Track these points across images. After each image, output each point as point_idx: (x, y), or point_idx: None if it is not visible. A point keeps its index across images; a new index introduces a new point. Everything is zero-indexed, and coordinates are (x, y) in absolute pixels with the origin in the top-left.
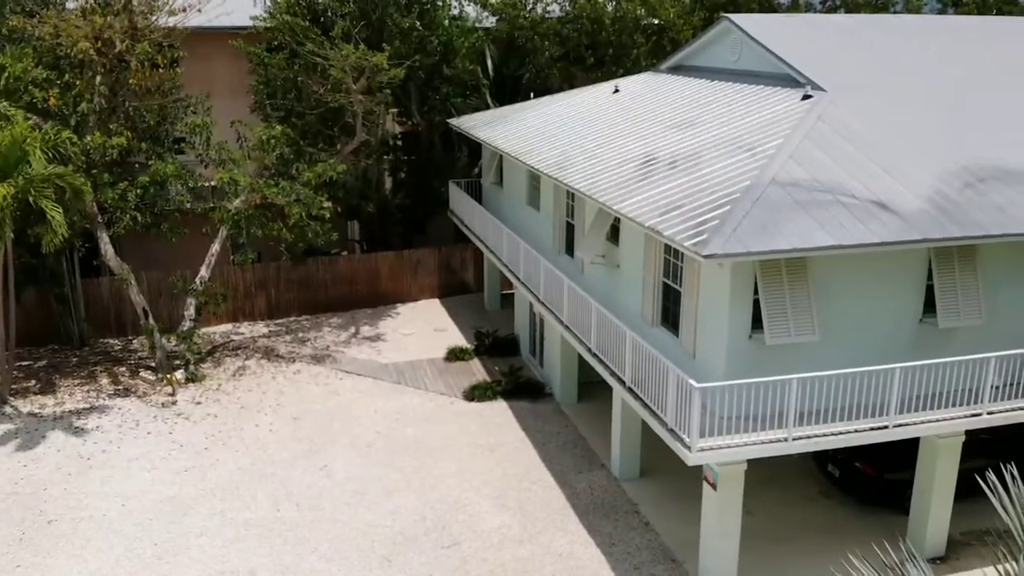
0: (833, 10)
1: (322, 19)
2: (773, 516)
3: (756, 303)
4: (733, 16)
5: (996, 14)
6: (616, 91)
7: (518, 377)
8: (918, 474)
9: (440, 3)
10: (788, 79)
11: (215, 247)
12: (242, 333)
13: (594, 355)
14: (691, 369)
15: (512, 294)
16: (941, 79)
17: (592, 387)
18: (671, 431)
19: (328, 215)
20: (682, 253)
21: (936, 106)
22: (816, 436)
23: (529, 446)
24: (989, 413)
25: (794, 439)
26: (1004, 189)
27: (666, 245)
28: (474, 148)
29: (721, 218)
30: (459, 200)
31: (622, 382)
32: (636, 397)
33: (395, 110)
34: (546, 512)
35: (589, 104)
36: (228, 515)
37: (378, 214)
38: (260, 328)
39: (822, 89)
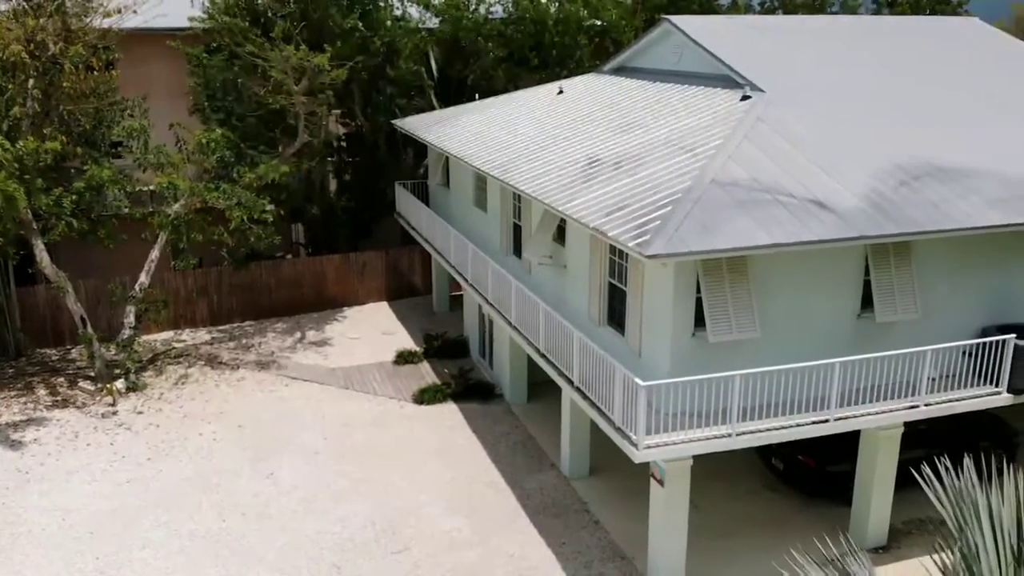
0: (772, 11)
1: (262, 20)
2: (719, 510)
3: (699, 301)
4: (673, 18)
5: (929, 14)
6: (560, 92)
7: (468, 379)
8: (859, 466)
9: (382, 4)
10: (728, 80)
11: (155, 253)
12: (184, 340)
13: (543, 356)
14: (637, 368)
15: (461, 296)
16: (876, 79)
17: (542, 387)
18: (618, 429)
19: (271, 218)
20: (627, 253)
21: (872, 105)
22: (759, 431)
23: (479, 448)
24: (926, 405)
25: (738, 434)
26: (938, 186)
27: (611, 245)
28: (420, 149)
29: (663, 218)
30: (406, 202)
31: (570, 382)
32: (584, 397)
33: (338, 111)
34: (497, 514)
35: (534, 105)
36: (172, 527)
37: (323, 216)
38: (202, 335)
39: (761, 90)
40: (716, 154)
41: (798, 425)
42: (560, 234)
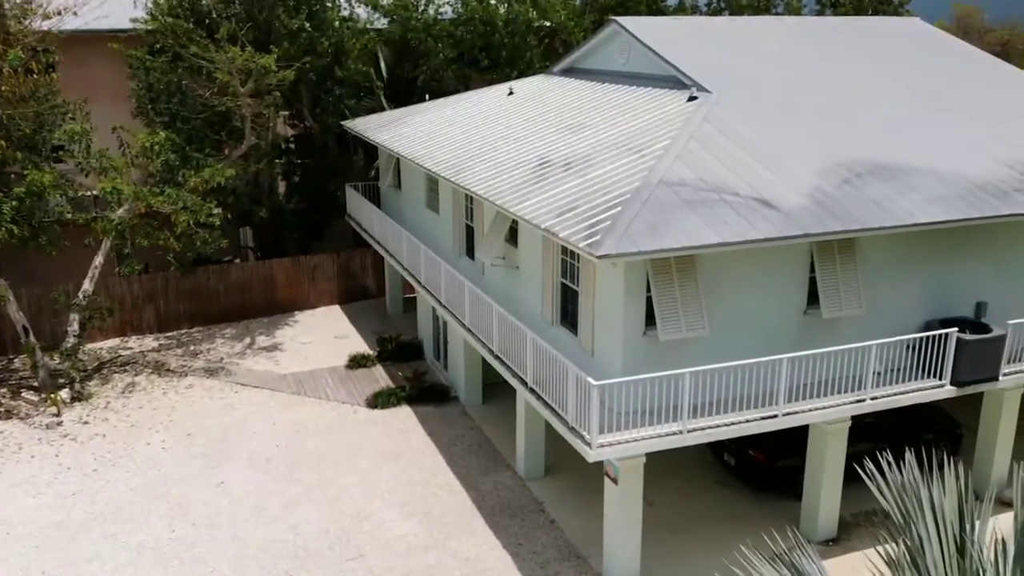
0: (718, 12)
1: (206, 21)
2: (673, 506)
3: (649, 300)
4: (621, 19)
5: (872, 14)
6: (511, 93)
7: (423, 382)
8: (808, 460)
9: (330, 4)
10: (675, 81)
11: (99, 259)
12: (130, 348)
13: (496, 357)
14: (590, 367)
15: (415, 298)
16: (820, 79)
17: (497, 388)
18: (572, 429)
19: (218, 222)
20: (579, 254)
21: (815, 105)
22: (710, 427)
23: (435, 451)
24: (872, 398)
25: (689, 431)
26: (880, 184)
27: (563, 246)
28: (371, 150)
29: (613, 219)
30: (357, 204)
31: (524, 383)
32: (538, 397)
33: (286, 113)
34: (452, 517)
35: (484, 106)
36: (120, 538)
37: (271, 219)
38: (149, 342)
39: (707, 91)
40: (664, 155)
41: (747, 421)
42: (513, 235)
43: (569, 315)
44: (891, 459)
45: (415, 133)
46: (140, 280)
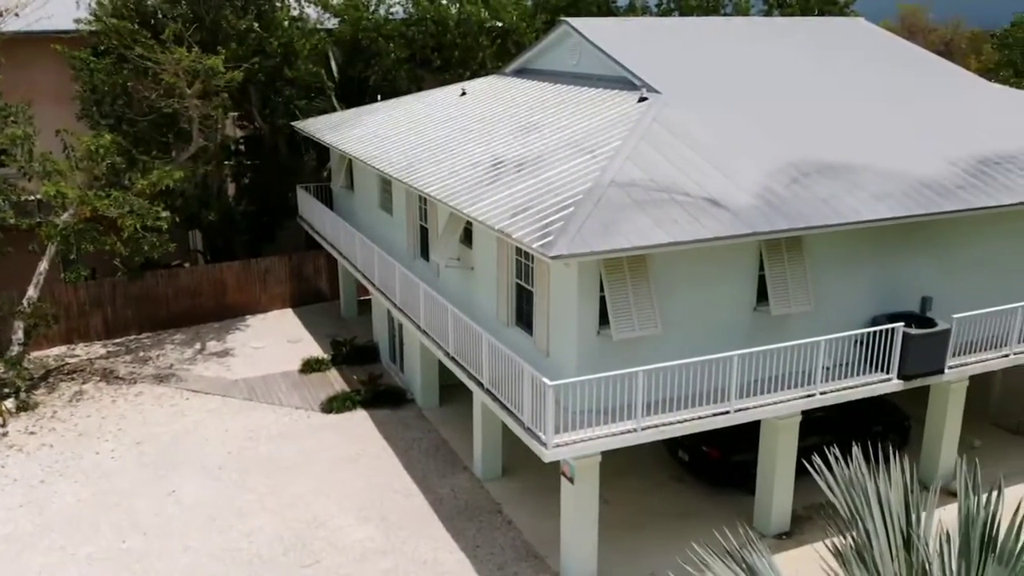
0: (668, 12)
1: (152, 21)
2: (628, 504)
3: (603, 300)
4: (571, 20)
5: (818, 14)
6: (463, 94)
7: (378, 385)
8: (760, 454)
9: (279, 4)
10: (625, 82)
11: (43, 265)
12: (78, 355)
13: (452, 359)
14: (545, 367)
15: (369, 300)
16: (767, 79)
17: (453, 390)
18: (528, 430)
19: (165, 226)
20: (532, 254)
21: (763, 105)
22: (663, 425)
23: (391, 455)
24: (822, 393)
25: (643, 429)
26: (827, 183)
27: (517, 247)
28: (322, 151)
29: (565, 219)
30: (308, 205)
31: (480, 384)
32: (494, 398)
33: (236, 114)
34: (410, 520)
35: (437, 107)
36: (69, 550)
37: (221, 222)
38: (97, 349)
39: (657, 91)
40: (615, 155)
41: (700, 417)
42: (467, 236)
43: (524, 315)
44: (839, 453)
45: (367, 134)
46: (86, 286)
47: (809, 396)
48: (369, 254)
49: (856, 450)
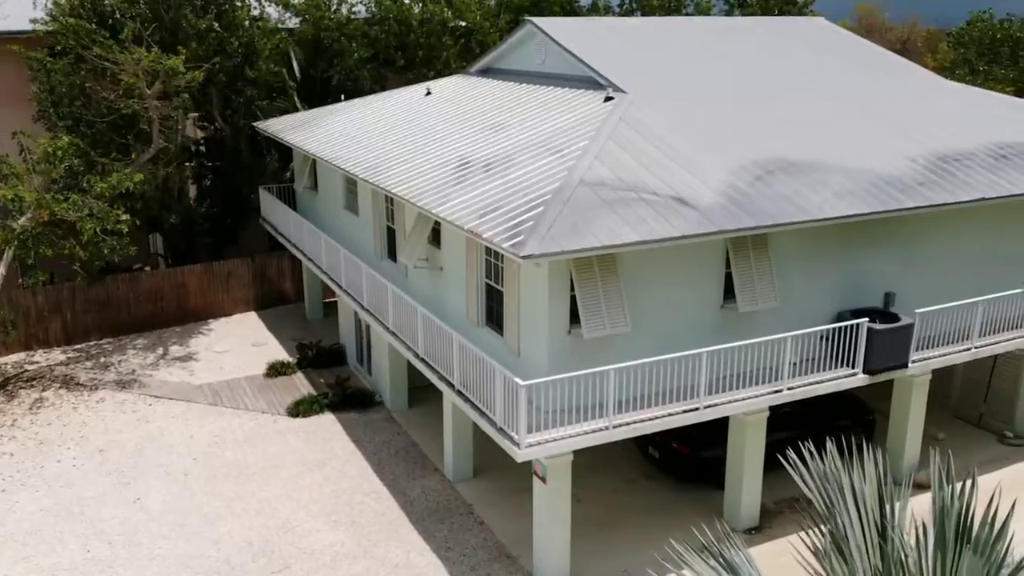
0: (630, 12)
1: (110, 21)
2: (600, 502)
3: (573, 299)
4: (536, 20)
5: (778, 14)
6: (428, 93)
7: (346, 388)
8: (729, 450)
9: (239, 3)
10: (591, 81)
11: (0, 270)
12: (37, 362)
13: (422, 360)
14: (516, 367)
15: (335, 302)
16: (731, 78)
17: (422, 391)
18: (500, 430)
19: (126, 229)
20: (502, 254)
21: (727, 104)
22: (634, 422)
23: (360, 458)
24: (789, 388)
25: (615, 427)
26: (790, 180)
27: (486, 247)
28: (285, 152)
29: (535, 219)
30: (272, 207)
31: (451, 385)
32: (466, 399)
33: (196, 114)
34: (380, 524)
35: (402, 106)
36: (33, 561)
37: (183, 225)
38: (57, 355)
39: (623, 91)
40: (582, 155)
41: (670, 415)
42: (436, 236)
43: (494, 315)
44: (811, 447)
45: (332, 134)
46: (45, 291)
47: (776, 392)
48: (335, 256)
49: (830, 444)
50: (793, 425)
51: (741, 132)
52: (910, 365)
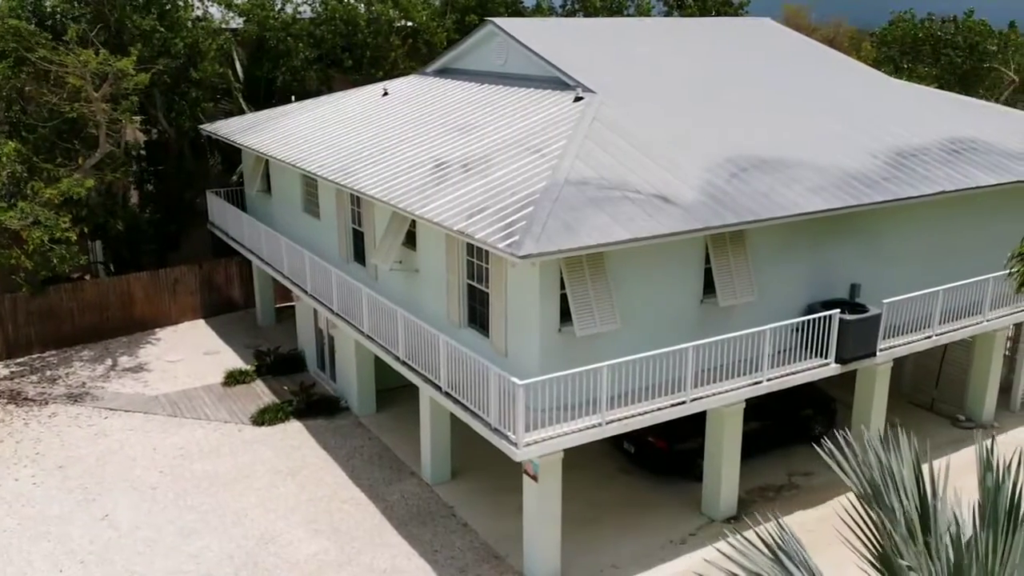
0: (572, 13)
1: (50, 22)
2: (580, 499)
3: (562, 298)
4: (497, 20)
5: (715, 14)
6: (385, 94)
7: (311, 394)
8: (708, 442)
9: (181, 3)
10: (557, 82)
11: None
12: None
13: (403, 363)
14: (504, 367)
15: (288, 307)
16: (691, 78)
17: (390, 395)
18: (496, 430)
19: (74, 237)
20: (486, 254)
21: (691, 103)
22: (626, 418)
23: (333, 465)
24: (768, 380)
25: (607, 423)
26: (764, 177)
27: (468, 247)
28: (229, 155)
29: (527, 219)
30: (222, 211)
31: (438, 388)
32: (455, 401)
33: (139, 118)
34: (362, 530)
35: (360, 107)
36: None
37: (126, 232)
38: None
39: (591, 91)
40: (564, 154)
41: (659, 409)
42: (410, 238)
43: (477, 316)
44: (776, 437)
45: (289, 135)
46: None
47: (756, 383)
48: (299, 260)
49: (866, 432)
50: (762, 416)
51: (710, 130)
52: (878, 354)
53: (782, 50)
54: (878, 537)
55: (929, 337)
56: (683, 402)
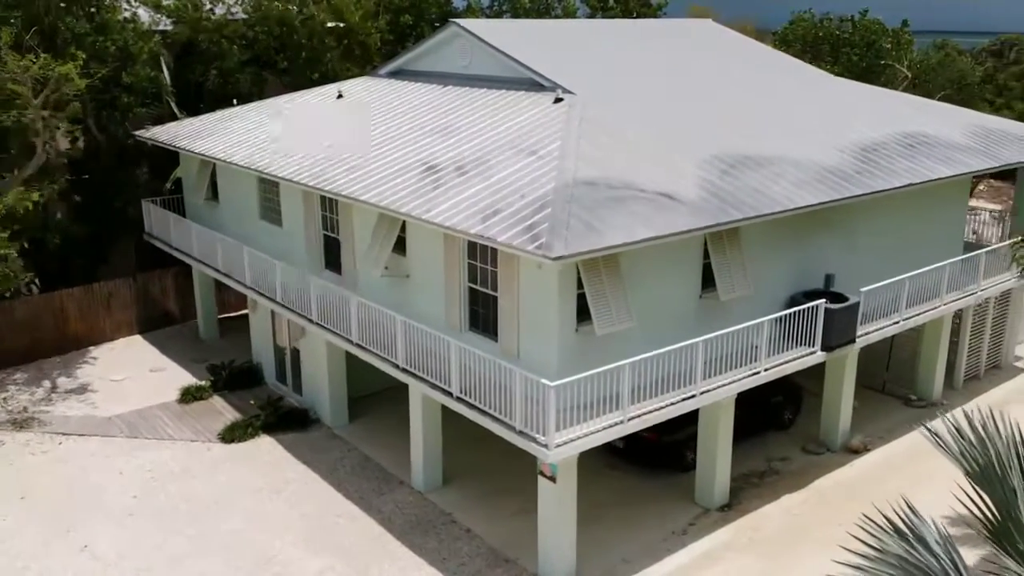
0: (499, 14)
1: None
2: (579, 497)
3: (579, 297)
4: (461, 21)
5: (636, 16)
6: (340, 96)
7: (279, 408)
8: (701, 433)
9: (107, 3)
10: (530, 83)
11: None
12: None
13: (404, 371)
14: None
15: (231, 318)
16: (657, 78)
17: (361, 403)
18: (522, 433)
19: (15, 253)
20: (491, 257)
21: (668, 102)
22: (643, 414)
23: (317, 479)
24: (765, 369)
25: (629, 419)
26: (752, 174)
27: (470, 250)
28: (157, 163)
29: (549, 220)
30: (163, 221)
31: (449, 394)
32: (471, 406)
33: (76, 127)
34: (365, 544)
35: (315, 111)
36: None
37: (58, 245)
38: None
39: (571, 92)
40: (562, 155)
41: (673, 403)
42: (398, 244)
43: (480, 320)
44: (751, 422)
45: (241, 140)
46: None
47: (755, 374)
48: (269, 270)
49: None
50: (739, 404)
51: (691, 129)
52: (857, 340)
53: (731, 50)
54: (993, 513)
55: (897, 323)
56: (694, 395)
